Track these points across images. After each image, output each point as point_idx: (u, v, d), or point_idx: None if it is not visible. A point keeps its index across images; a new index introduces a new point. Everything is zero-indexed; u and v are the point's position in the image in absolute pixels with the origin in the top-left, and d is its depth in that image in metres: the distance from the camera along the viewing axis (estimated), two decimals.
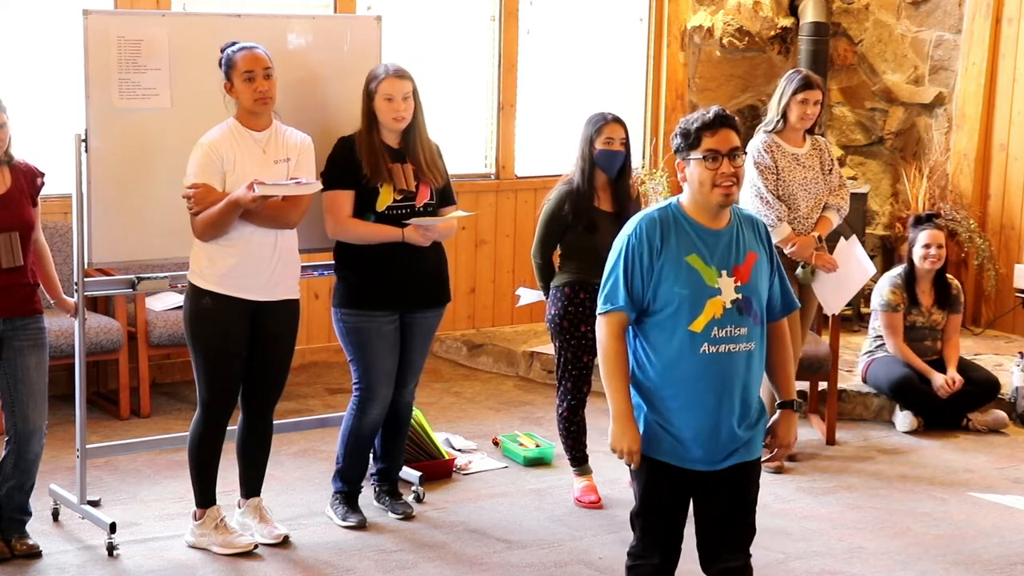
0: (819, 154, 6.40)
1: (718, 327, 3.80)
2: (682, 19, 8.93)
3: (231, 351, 5.12)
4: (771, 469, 6.51)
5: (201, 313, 5.08)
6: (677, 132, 3.87)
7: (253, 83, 4.99)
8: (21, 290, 4.97)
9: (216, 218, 4.96)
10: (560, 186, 5.78)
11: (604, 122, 5.68)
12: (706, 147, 3.78)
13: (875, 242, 9.20)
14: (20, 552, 5.11)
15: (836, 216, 6.45)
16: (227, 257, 5.04)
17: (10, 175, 4.98)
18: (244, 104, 5.04)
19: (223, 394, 5.17)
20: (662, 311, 3.81)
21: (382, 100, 5.28)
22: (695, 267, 3.80)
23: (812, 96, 6.24)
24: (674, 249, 3.80)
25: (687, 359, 3.80)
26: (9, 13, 7.00)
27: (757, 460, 3.99)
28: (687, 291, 3.79)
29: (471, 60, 8.44)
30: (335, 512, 5.59)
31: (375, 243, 5.31)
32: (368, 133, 5.32)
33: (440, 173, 5.46)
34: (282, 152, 5.13)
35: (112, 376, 7.09)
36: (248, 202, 4.91)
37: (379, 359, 5.42)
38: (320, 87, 5.62)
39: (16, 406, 5.03)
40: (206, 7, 7.45)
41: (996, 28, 8.70)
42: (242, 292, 5.07)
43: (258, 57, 5.02)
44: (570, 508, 5.84)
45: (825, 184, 6.38)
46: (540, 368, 7.92)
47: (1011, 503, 6.07)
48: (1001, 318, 8.77)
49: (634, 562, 4.03)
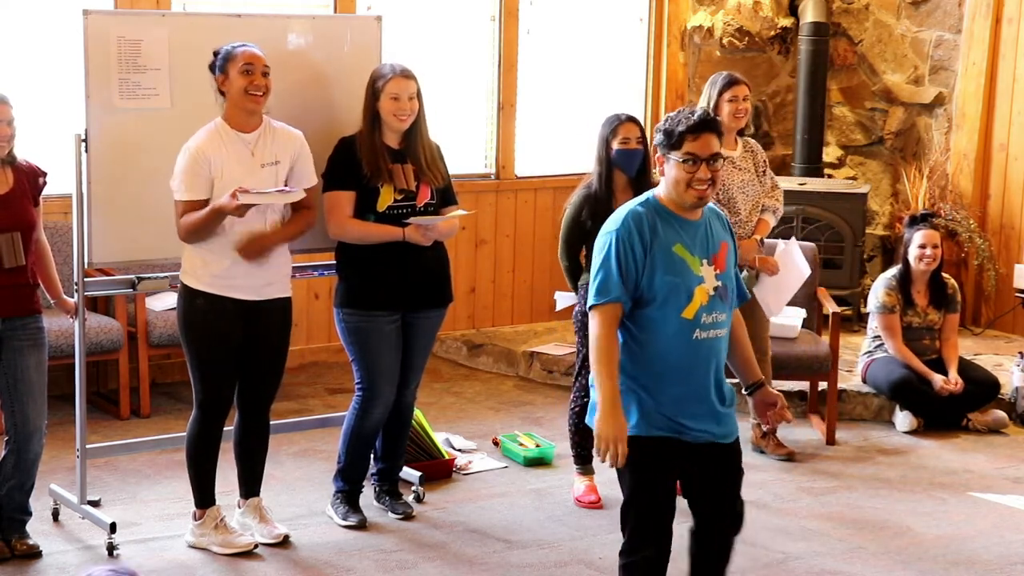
0: (752, 156, 6.35)
1: (706, 313, 3.94)
2: (682, 19, 8.93)
3: (225, 351, 5.12)
4: (782, 456, 6.53)
5: (195, 314, 5.08)
6: (660, 129, 3.97)
7: (251, 76, 4.98)
8: (21, 290, 4.97)
9: (199, 225, 4.97)
10: (580, 190, 5.76)
11: (619, 122, 5.68)
12: (686, 151, 3.88)
13: (875, 242, 9.20)
14: (20, 552, 5.11)
15: (773, 218, 6.39)
16: (221, 258, 5.03)
17: (12, 175, 4.98)
18: (235, 97, 5.00)
19: (218, 394, 5.17)
20: (655, 300, 3.90)
21: (388, 99, 5.28)
22: (682, 256, 3.93)
23: (740, 92, 6.17)
24: (662, 239, 3.92)
25: (682, 345, 3.92)
26: (9, 13, 7.00)
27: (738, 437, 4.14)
28: (679, 279, 3.90)
29: (471, 60, 8.44)
30: (336, 512, 5.59)
31: (376, 243, 5.32)
32: (370, 133, 5.32)
33: (441, 173, 5.47)
34: (271, 155, 5.10)
35: (112, 376, 7.09)
36: (232, 210, 4.90)
37: (381, 359, 5.42)
38: (320, 87, 5.62)
39: (16, 406, 5.03)
40: (206, 7, 7.45)
41: (996, 28, 8.70)
42: (235, 292, 5.07)
43: (259, 56, 5.02)
44: (570, 508, 5.84)
45: (760, 186, 6.33)
46: (540, 368, 7.92)
47: (1011, 503, 6.07)
48: (1001, 318, 8.77)
49: (628, 559, 4.05)
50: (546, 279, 8.71)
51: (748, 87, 6.26)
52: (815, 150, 9.01)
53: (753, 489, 6.13)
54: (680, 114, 3.95)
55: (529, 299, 8.72)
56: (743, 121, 6.25)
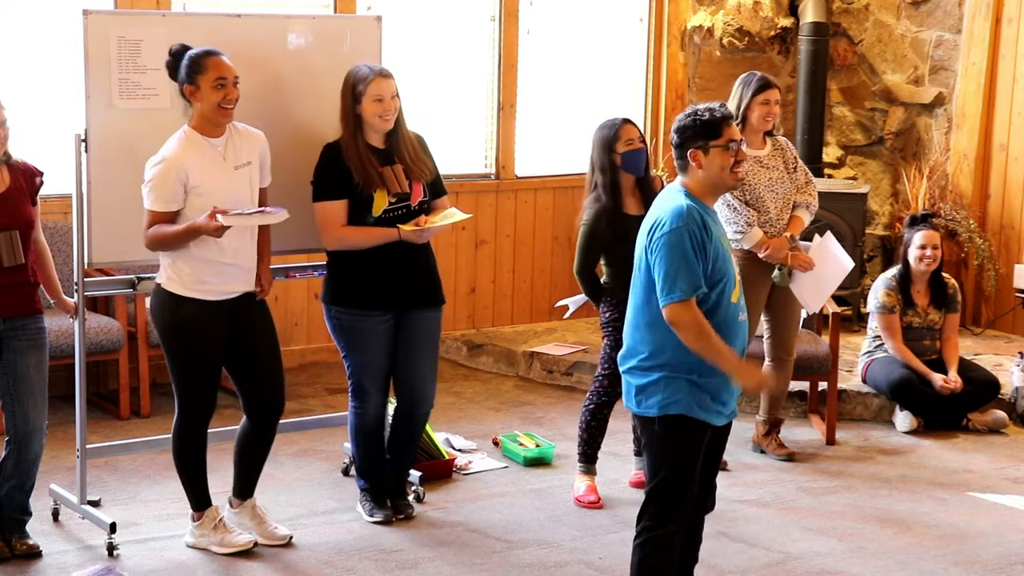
0: (781, 154, 6.33)
1: (741, 297, 4.31)
2: (682, 19, 8.93)
3: (214, 355, 5.11)
4: (782, 456, 6.53)
5: (183, 321, 5.04)
6: (697, 122, 4.21)
7: (224, 90, 4.94)
8: (21, 289, 4.97)
9: (172, 239, 4.94)
10: (591, 205, 5.71)
11: (619, 125, 5.66)
12: (728, 137, 4.22)
13: (875, 242, 9.20)
14: (20, 552, 5.11)
15: (807, 214, 6.36)
16: (205, 264, 5.00)
17: (9, 174, 4.98)
18: (207, 110, 4.95)
19: (205, 399, 5.16)
20: (715, 287, 4.18)
21: (371, 101, 5.26)
22: (724, 244, 4.26)
23: (772, 96, 6.18)
24: (711, 229, 4.21)
25: (732, 327, 4.23)
26: (9, 13, 7.00)
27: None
28: (727, 265, 4.23)
29: (471, 60, 8.44)
30: (363, 509, 5.62)
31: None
32: (353, 138, 5.29)
33: (427, 167, 5.45)
34: (242, 156, 5.08)
35: (112, 376, 7.09)
36: (211, 232, 4.87)
37: (371, 357, 5.43)
38: (320, 87, 5.61)
39: (16, 406, 5.03)
40: (206, 7, 7.45)
41: (996, 28, 8.70)
42: (221, 295, 5.05)
43: (228, 65, 4.96)
44: (570, 508, 5.84)
45: (791, 183, 6.31)
46: (540, 368, 7.92)
47: (1011, 503, 6.07)
48: (1001, 318, 8.77)
49: (651, 534, 4.26)
50: (546, 279, 8.72)
51: (780, 90, 6.27)
52: (815, 150, 9.00)
53: (753, 489, 6.13)
54: (703, 109, 4.24)
55: (529, 299, 8.72)
56: (771, 124, 6.26)
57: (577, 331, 8.46)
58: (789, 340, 6.45)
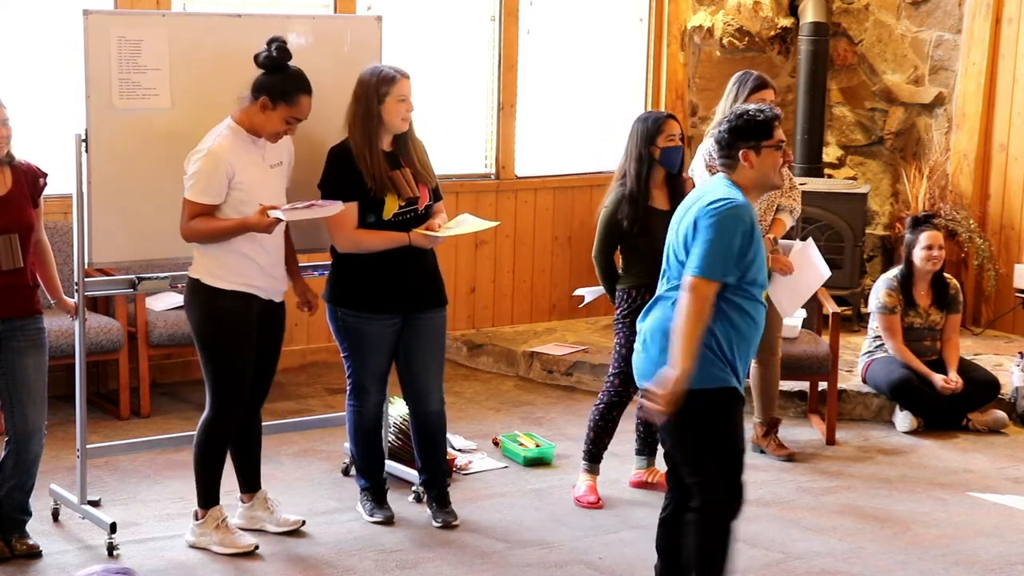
0: None
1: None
2: (682, 19, 8.93)
3: (249, 351, 5.16)
4: (782, 456, 6.53)
5: (223, 316, 5.08)
6: (750, 123, 4.32)
7: (290, 127, 5.09)
8: (20, 291, 4.97)
9: (219, 233, 5.01)
10: (615, 190, 5.73)
11: (664, 119, 5.68)
12: (778, 138, 4.37)
13: (875, 242, 9.20)
14: (20, 552, 5.11)
15: (789, 218, 6.35)
16: (248, 261, 5.07)
17: (11, 176, 4.97)
18: (262, 128, 5.06)
19: (239, 395, 5.18)
20: (753, 282, 4.31)
21: (395, 102, 5.26)
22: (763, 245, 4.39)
23: (768, 96, 6.15)
24: (757, 229, 4.33)
25: (761, 315, 4.38)
26: (9, 13, 7.00)
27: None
28: (764, 262, 4.36)
29: (471, 60, 8.44)
30: (363, 508, 5.62)
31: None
32: (366, 140, 5.27)
33: (431, 172, 5.46)
34: (277, 156, 5.17)
35: (112, 376, 7.08)
36: (264, 228, 4.96)
37: (373, 359, 5.43)
38: (320, 87, 5.59)
39: (16, 406, 5.03)
40: (206, 7, 7.45)
41: (996, 28, 8.70)
42: (258, 291, 5.13)
43: (309, 109, 5.10)
44: (570, 508, 5.84)
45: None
46: (540, 368, 7.92)
47: (1011, 503, 6.07)
48: (1001, 318, 8.77)
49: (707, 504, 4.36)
50: (546, 279, 8.72)
51: (776, 91, 6.26)
52: (815, 150, 9.01)
53: (753, 489, 6.11)
54: (754, 109, 4.36)
55: (529, 299, 8.72)
56: None
57: (577, 331, 8.46)
58: (773, 340, 6.42)
